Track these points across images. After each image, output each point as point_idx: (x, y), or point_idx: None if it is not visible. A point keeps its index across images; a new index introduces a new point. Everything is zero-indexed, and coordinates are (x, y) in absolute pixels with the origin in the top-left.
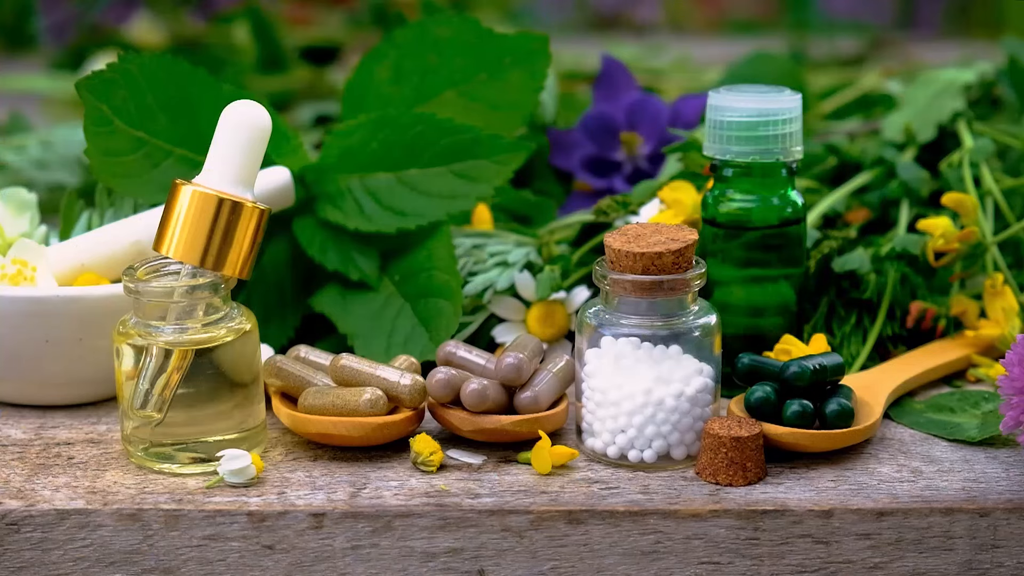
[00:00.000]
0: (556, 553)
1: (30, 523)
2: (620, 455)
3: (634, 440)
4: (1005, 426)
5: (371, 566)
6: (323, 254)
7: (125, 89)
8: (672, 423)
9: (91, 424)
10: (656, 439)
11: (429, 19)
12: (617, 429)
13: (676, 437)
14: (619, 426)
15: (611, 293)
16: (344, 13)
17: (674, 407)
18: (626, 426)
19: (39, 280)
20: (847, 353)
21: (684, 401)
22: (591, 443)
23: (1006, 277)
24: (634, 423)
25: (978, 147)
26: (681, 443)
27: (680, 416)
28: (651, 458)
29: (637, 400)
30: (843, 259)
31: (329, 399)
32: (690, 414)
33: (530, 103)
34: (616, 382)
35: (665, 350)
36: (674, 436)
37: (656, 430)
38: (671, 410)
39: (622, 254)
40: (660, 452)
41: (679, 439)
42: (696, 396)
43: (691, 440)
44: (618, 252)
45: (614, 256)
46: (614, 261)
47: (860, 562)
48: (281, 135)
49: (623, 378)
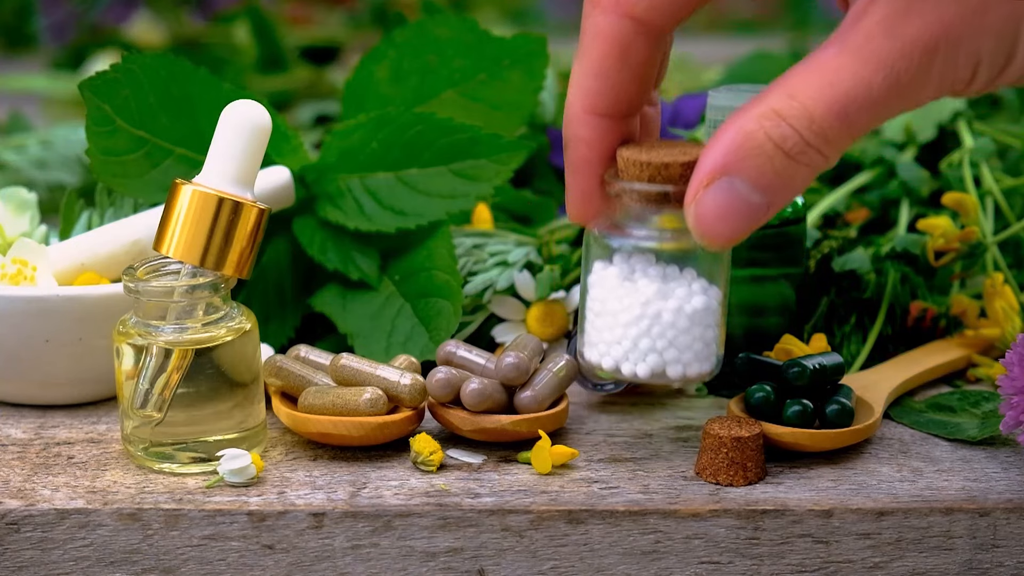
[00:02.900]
0: (556, 553)
1: (30, 523)
2: (614, 367)
3: (628, 353)
4: (1005, 426)
5: (371, 566)
6: (323, 254)
7: (127, 89)
8: (668, 339)
9: (91, 424)
10: (650, 354)
11: (429, 19)
12: (613, 341)
13: (672, 354)
14: (615, 338)
15: (619, 203)
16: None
17: (671, 322)
18: (621, 338)
19: (39, 280)
20: (847, 353)
21: (682, 318)
22: (588, 355)
23: (1006, 277)
24: (629, 335)
25: (978, 147)
26: (677, 362)
27: (677, 333)
28: (644, 373)
29: (634, 312)
30: (843, 259)
31: (329, 399)
32: (688, 332)
33: (530, 103)
34: (617, 294)
35: (670, 267)
36: (670, 353)
37: (651, 344)
38: (668, 325)
39: (630, 162)
40: (654, 369)
41: (675, 357)
42: (695, 314)
43: (688, 359)
44: (627, 160)
45: (623, 164)
46: (623, 170)
47: (860, 562)
48: (281, 135)
49: (624, 290)
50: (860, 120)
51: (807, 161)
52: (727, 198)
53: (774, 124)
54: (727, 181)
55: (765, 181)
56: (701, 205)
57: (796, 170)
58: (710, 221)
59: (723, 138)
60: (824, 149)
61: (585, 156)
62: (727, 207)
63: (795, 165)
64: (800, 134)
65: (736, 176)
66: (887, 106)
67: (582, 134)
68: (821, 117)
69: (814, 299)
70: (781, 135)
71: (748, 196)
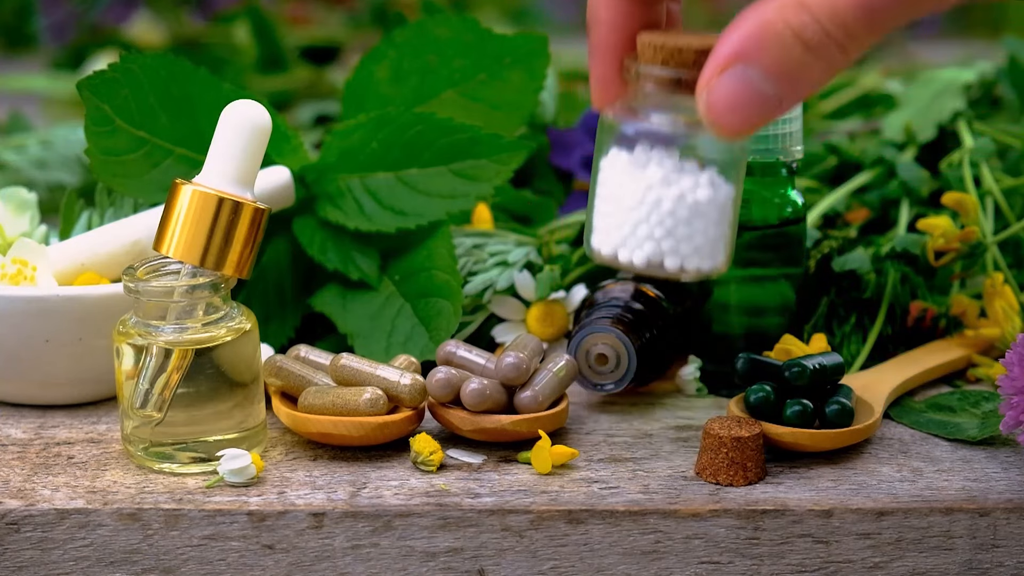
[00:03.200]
0: (556, 553)
1: (30, 523)
2: (612, 254)
3: (627, 239)
4: (1005, 426)
5: (371, 566)
6: (323, 254)
7: (127, 88)
8: (666, 228)
9: (91, 424)
10: (648, 241)
11: (429, 19)
12: (613, 226)
13: (669, 244)
14: (616, 223)
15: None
16: (344, 13)
17: (670, 210)
18: (622, 223)
19: (39, 280)
20: (847, 353)
21: (683, 207)
22: (593, 241)
23: (1006, 277)
24: (629, 220)
25: (978, 147)
26: (675, 253)
27: (676, 223)
28: (640, 261)
29: (636, 197)
30: (843, 259)
31: (329, 399)
32: (688, 224)
33: (530, 103)
34: (623, 179)
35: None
36: (667, 243)
37: (648, 231)
38: (667, 213)
39: (647, 45)
40: (651, 258)
41: (672, 247)
42: (697, 206)
43: (687, 252)
44: (644, 43)
45: (640, 47)
46: (640, 53)
47: (860, 562)
48: (281, 135)
49: (630, 176)
50: (885, 16)
51: (825, 55)
52: (739, 87)
53: (795, 13)
54: (741, 69)
55: (779, 72)
56: (713, 93)
57: (813, 64)
58: (720, 109)
59: (741, 26)
60: (845, 43)
61: (606, 39)
62: (739, 96)
63: (812, 58)
64: (822, 25)
65: (750, 65)
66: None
67: (604, 16)
68: (845, 9)
69: (814, 299)
70: (801, 24)
71: (761, 86)
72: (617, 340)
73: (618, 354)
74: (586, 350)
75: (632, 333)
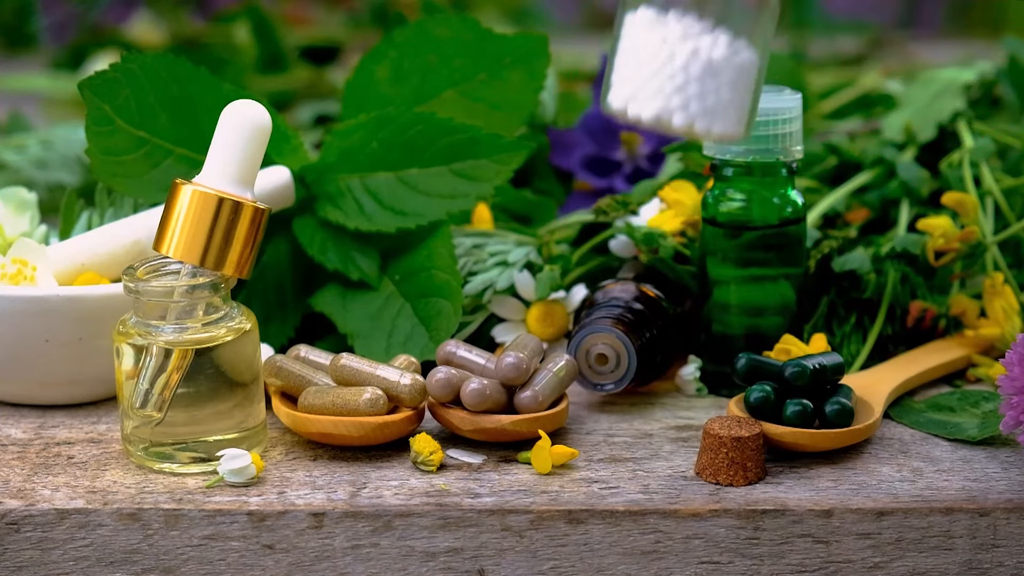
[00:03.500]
0: (556, 553)
1: (30, 523)
2: (622, 108)
3: (638, 92)
4: (1005, 426)
5: (371, 566)
6: (323, 254)
7: (127, 88)
8: (677, 84)
9: (91, 424)
10: (658, 96)
11: (429, 19)
12: (627, 79)
13: (678, 101)
14: (629, 76)
15: None
16: (344, 13)
17: (682, 65)
18: (634, 77)
19: (39, 280)
20: (847, 353)
21: (697, 63)
22: (609, 96)
23: (1006, 277)
24: (641, 74)
25: (978, 147)
26: (684, 110)
27: (687, 79)
28: (648, 116)
29: (650, 50)
30: (843, 259)
31: (329, 399)
32: (700, 82)
33: (530, 103)
34: (642, 34)
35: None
36: (676, 99)
37: (658, 86)
38: (679, 68)
39: None
40: (660, 114)
41: (681, 103)
42: (711, 64)
43: (696, 112)
44: None
45: None
46: None
47: (860, 562)
48: (281, 135)
49: (649, 30)
50: None
51: None
52: None
53: None
54: None
55: None
56: None
57: None
58: None
59: None
60: None
61: None
62: None
63: None
64: None
65: None
66: None
67: None
68: None
69: (814, 299)
70: None
71: None
72: (617, 340)
73: (618, 354)
74: (586, 350)
75: (632, 333)
